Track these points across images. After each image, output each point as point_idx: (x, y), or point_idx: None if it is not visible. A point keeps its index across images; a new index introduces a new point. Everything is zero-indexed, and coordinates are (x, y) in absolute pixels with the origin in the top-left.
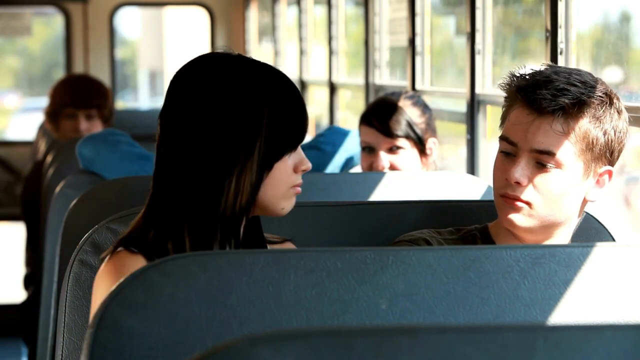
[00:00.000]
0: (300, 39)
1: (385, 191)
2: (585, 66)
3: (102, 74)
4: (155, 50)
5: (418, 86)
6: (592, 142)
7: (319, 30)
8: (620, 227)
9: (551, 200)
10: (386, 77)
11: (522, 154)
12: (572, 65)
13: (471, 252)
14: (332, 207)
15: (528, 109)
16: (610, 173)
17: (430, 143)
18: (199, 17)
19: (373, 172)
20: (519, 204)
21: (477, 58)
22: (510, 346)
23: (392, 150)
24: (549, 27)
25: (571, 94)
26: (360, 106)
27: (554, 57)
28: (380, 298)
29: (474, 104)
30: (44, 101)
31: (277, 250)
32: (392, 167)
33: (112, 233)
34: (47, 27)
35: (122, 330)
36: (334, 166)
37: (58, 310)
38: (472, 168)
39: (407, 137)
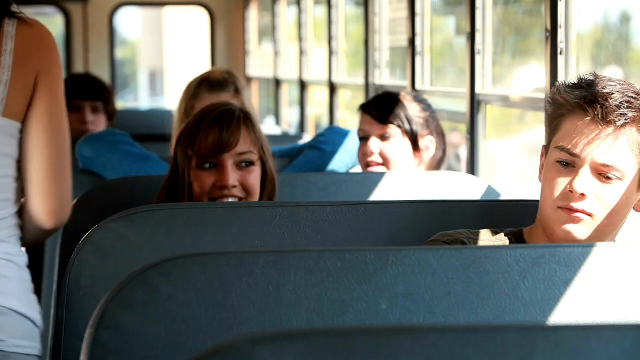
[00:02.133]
0: (300, 39)
1: (385, 191)
2: (586, 66)
3: (102, 74)
4: (155, 50)
5: (418, 86)
6: None
7: (319, 30)
8: None
9: (612, 211)
10: (386, 77)
11: (583, 165)
12: (572, 65)
13: (471, 252)
14: (332, 207)
15: (591, 120)
16: None
17: (427, 141)
18: (199, 17)
19: (373, 172)
20: (580, 215)
21: (477, 58)
22: (510, 346)
23: (384, 137)
24: (549, 27)
25: (633, 106)
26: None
27: (554, 57)
28: (380, 298)
29: (474, 104)
30: None
31: (277, 250)
32: (382, 154)
33: (112, 233)
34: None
35: (122, 330)
36: (334, 166)
37: (58, 310)
38: (472, 168)
39: (400, 127)
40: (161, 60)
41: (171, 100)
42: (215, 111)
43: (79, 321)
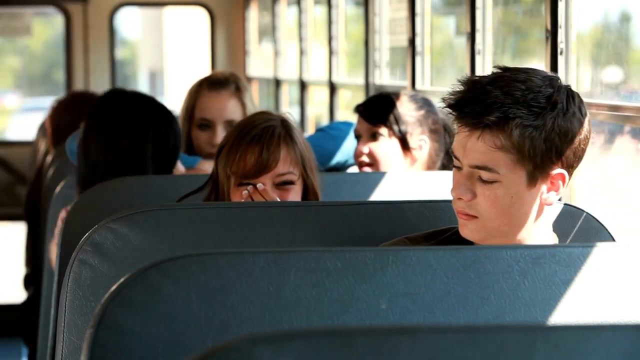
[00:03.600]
0: (300, 39)
1: (385, 191)
2: (585, 66)
3: (102, 74)
4: (155, 50)
5: (418, 86)
6: (529, 150)
7: (319, 30)
8: None
9: (500, 212)
10: (386, 77)
11: (464, 168)
12: (572, 65)
13: (471, 252)
14: (332, 207)
15: (460, 125)
16: (562, 176)
17: (419, 140)
18: (199, 17)
19: (373, 172)
20: (465, 217)
21: (477, 58)
22: (510, 346)
23: (374, 137)
24: (549, 27)
25: (497, 109)
26: None
27: (554, 57)
28: (380, 298)
29: None
30: (44, 101)
31: (277, 250)
32: (371, 154)
33: (112, 233)
34: (47, 27)
35: (122, 330)
36: (341, 154)
37: (58, 310)
38: None
39: (387, 126)
40: (161, 60)
41: (171, 100)
42: (256, 128)
43: (79, 321)
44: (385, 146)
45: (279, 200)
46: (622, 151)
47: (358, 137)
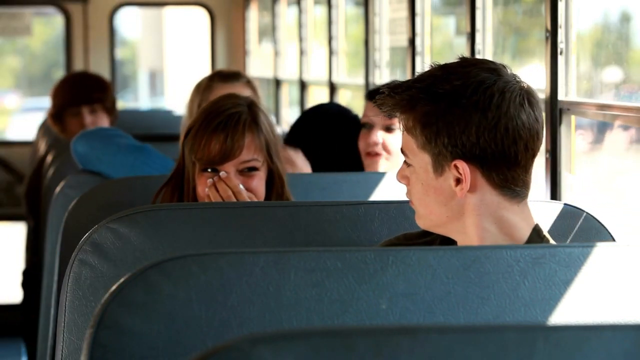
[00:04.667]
0: (300, 39)
1: (385, 191)
2: (585, 66)
3: (102, 74)
4: (155, 50)
5: None
6: (430, 135)
7: (319, 30)
8: None
9: (419, 198)
10: (386, 77)
11: None
12: (572, 65)
13: (471, 252)
14: (332, 207)
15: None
16: (464, 167)
17: None
18: (199, 17)
19: (373, 172)
20: (410, 203)
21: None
22: (510, 346)
23: (389, 129)
24: (549, 27)
25: (406, 91)
26: (360, 106)
27: (554, 57)
28: (380, 298)
29: None
30: (44, 101)
31: (277, 250)
32: (384, 145)
33: (112, 233)
34: (47, 27)
35: (122, 330)
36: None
37: (58, 310)
38: None
39: None
40: (161, 60)
41: (171, 100)
42: (221, 115)
43: (79, 321)
44: (399, 139)
45: (242, 186)
46: (622, 151)
47: (367, 125)
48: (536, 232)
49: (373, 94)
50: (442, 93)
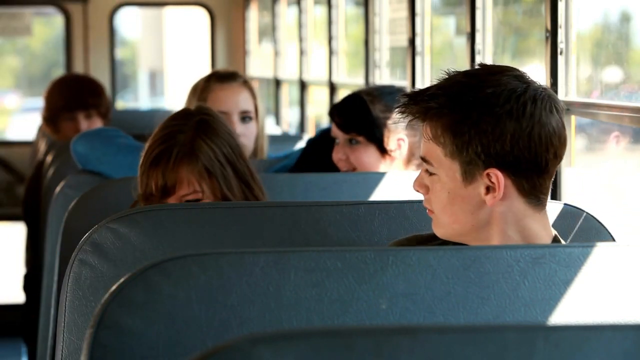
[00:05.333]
0: (300, 39)
1: (385, 191)
2: (585, 66)
3: (102, 74)
4: (155, 50)
5: (418, 86)
6: (460, 145)
7: (319, 30)
8: None
9: (443, 207)
10: (386, 77)
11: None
12: (572, 65)
13: (471, 252)
14: (332, 207)
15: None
16: (497, 176)
17: (396, 140)
18: (199, 17)
19: (373, 172)
20: (429, 212)
21: (477, 58)
22: (510, 346)
23: (350, 143)
24: (549, 27)
25: (433, 99)
26: None
27: (554, 57)
28: (380, 298)
29: None
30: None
31: (277, 250)
32: (348, 160)
33: (112, 233)
34: (47, 27)
35: (122, 330)
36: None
37: (58, 310)
38: None
39: (361, 133)
40: (161, 60)
41: (171, 100)
42: (157, 149)
43: (79, 321)
44: (361, 152)
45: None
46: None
47: (337, 140)
48: (556, 242)
49: (332, 112)
50: (472, 101)
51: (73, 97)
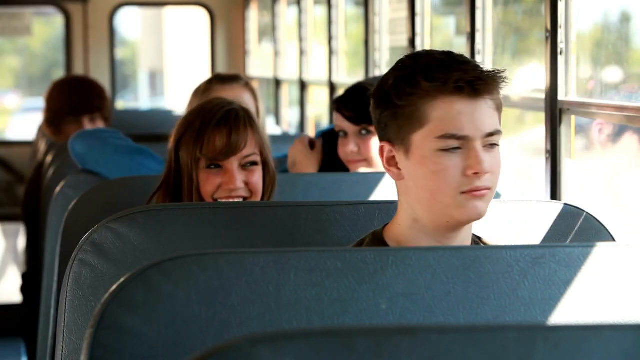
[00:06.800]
0: (300, 39)
1: (385, 191)
2: (586, 66)
3: (102, 74)
4: (155, 50)
5: None
6: (501, 108)
7: (319, 30)
8: None
9: (498, 177)
10: None
11: (474, 143)
12: (572, 65)
13: (471, 252)
14: (332, 207)
15: (466, 97)
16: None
17: None
18: (199, 17)
19: (373, 172)
20: (486, 190)
21: (477, 58)
22: (510, 346)
23: (362, 134)
24: (549, 27)
25: (490, 71)
26: None
27: (554, 57)
28: (380, 298)
29: None
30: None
31: (277, 250)
32: (361, 152)
33: (112, 233)
34: (47, 27)
35: (122, 330)
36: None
37: (58, 310)
38: None
39: (373, 122)
40: (161, 60)
41: (171, 100)
42: (221, 111)
43: (79, 321)
44: (374, 142)
45: (243, 181)
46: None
47: (343, 132)
48: None
49: (338, 104)
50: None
51: (79, 101)
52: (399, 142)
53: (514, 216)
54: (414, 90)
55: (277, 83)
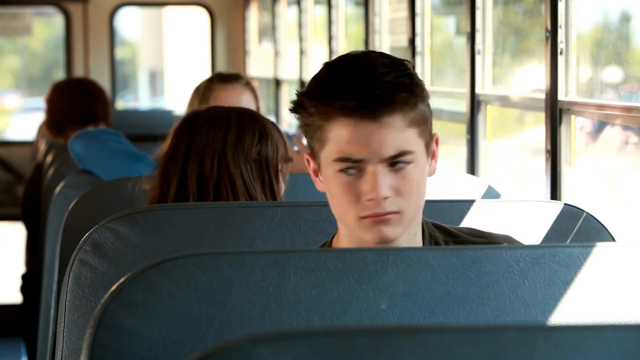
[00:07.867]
0: (300, 39)
1: None
2: (586, 66)
3: (102, 74)
4: (155, 50)
5: None
6: (425, 119)
7: (319, 30)
8: None
9: (415, 197)
10: None
11: (371, 168)
12: (572, 65)
13: (471, 252)
14: None
15: (360, 119)
16: (437, 139)
17: None
18: (199, 17)
19: None
20: (391, 215)
21: (477, 58)
22: (510, 346)
23: None
24: (549, 27)
25: (405, 86)
26: None
27: (554, 57)
28: (380, 298)
29: (474, 104)
30: (43, 101)
31: (277, 250)
32: None
33: (112, 233)
34: (47, 27)
35: (122, 330)
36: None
37: (58, 310)
38: (472, 168)
39: None
40: (161, 60)
41: (171, 100)
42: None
43: (79, 321)
44: None
45: None
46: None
47: None
48: None
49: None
50: (414, 75)
51: (85, 109)
52: (315, 156)
53: (514, 216)
54: (314, 110)
55: (277, 83)
